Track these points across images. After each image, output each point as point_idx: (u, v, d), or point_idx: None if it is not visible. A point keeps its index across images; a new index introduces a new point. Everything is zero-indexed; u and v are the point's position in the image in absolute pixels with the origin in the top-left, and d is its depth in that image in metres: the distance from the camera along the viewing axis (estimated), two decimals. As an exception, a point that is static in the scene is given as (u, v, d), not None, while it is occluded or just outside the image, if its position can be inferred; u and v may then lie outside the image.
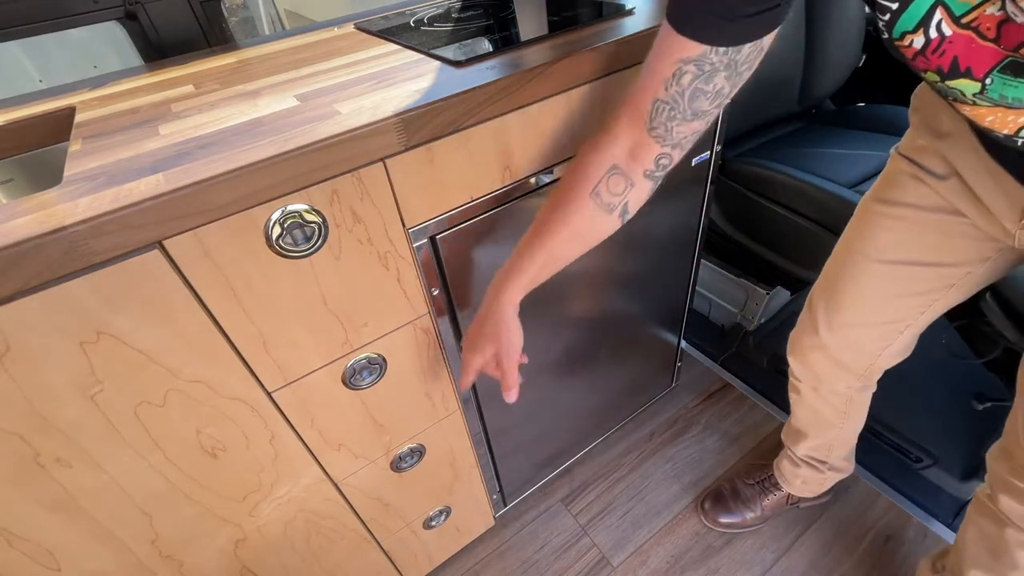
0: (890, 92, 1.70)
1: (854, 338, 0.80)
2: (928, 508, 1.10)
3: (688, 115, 0.49)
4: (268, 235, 0.50)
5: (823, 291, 0.81)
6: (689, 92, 0.47)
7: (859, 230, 0.75)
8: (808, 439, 0.97)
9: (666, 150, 0.52)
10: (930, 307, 0.73)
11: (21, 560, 0.53)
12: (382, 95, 0.57)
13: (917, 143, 0.66)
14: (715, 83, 0.47)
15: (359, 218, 0.55)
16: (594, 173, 0.53)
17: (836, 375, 0.85)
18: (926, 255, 0.69)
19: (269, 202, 0.49)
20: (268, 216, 0.49)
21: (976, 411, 1.19)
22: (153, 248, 0.46)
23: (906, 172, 0.67)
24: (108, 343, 0.47)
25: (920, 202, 0.67)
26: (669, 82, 0.47)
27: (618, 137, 0.52)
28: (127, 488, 0.56)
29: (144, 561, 0.62)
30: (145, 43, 0.87)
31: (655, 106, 0.49)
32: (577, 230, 0.56)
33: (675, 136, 0.50)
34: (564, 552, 1.13)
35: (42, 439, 0.48)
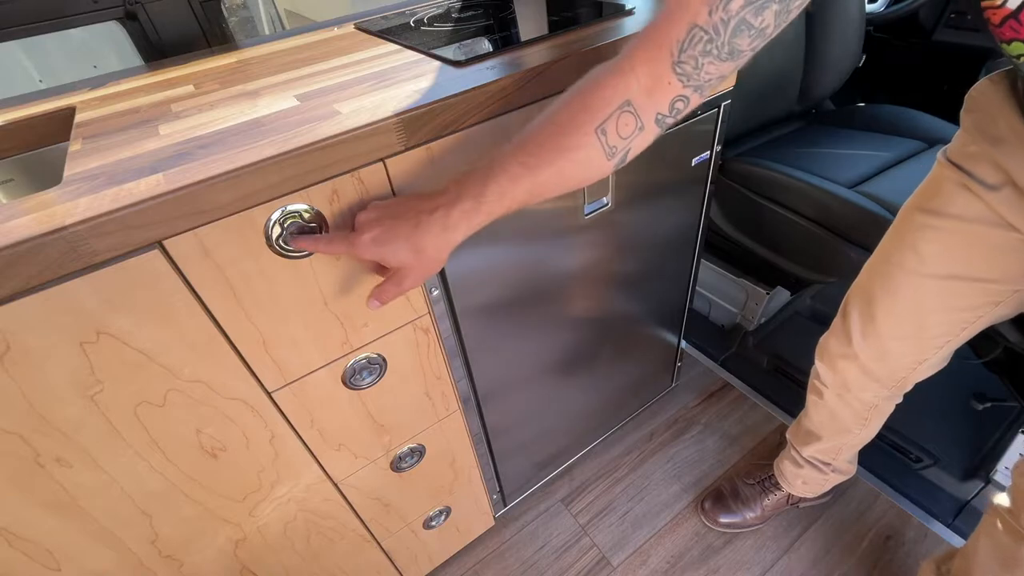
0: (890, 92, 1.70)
1: (889, 350, 0.77)
2: (928, 508, 1.10)
3: (724, 52, 0.41)
4: (268, 235, 0.50)
5: (859, 299, 0.78)
6: (735, 22, 0.39)
7: (899, 240, 0.71)
8: (820, 441, 0.96)
9: (686, 92, 0.44)
10: (973, 324, 0.70)
11: (21, 560, 0.53)
12: (382, 95, 0.57)
13: (968, 149, 0.61)
14: (764, 17, 0.39)
15: None
16: (602, 106, 0.44)
17: (865, 384, 0.83)
18: (971, 270, 0.65)
19: (269, 202, 0.49)
20: (268, 216, 0.49)
21: (976, 411, 1.19)
22: (153, 248, 0.45)
23: (953, 180, 0.63)
24: (108, 343, 0.47)
25: (967, 213, 0.62)
26: (715, 5, 0.39)
27: (635, 68, 0.43)
28: (127, 488, 0.56)
29: (144, 561, 0.62)
30: (145, 43, 0.87)
31: (691, 34, 0.40)
32: (569, 167, 0.46)
33: (702, 76, 0.42)
34: (564, 552, 1.13)
35: (42, 439, 0.48)
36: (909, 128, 1.32)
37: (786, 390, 1.36)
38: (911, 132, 1.31)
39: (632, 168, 0.79)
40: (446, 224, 0.47)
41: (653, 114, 0.45)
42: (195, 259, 0.48)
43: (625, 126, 0.45)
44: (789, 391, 1.36)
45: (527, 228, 0.73)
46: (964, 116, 0.63)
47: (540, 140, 0.46)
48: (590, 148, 0.45)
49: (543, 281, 0.81)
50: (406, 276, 0.49)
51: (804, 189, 1.15)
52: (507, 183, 0.46)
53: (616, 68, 0.44)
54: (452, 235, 0.47)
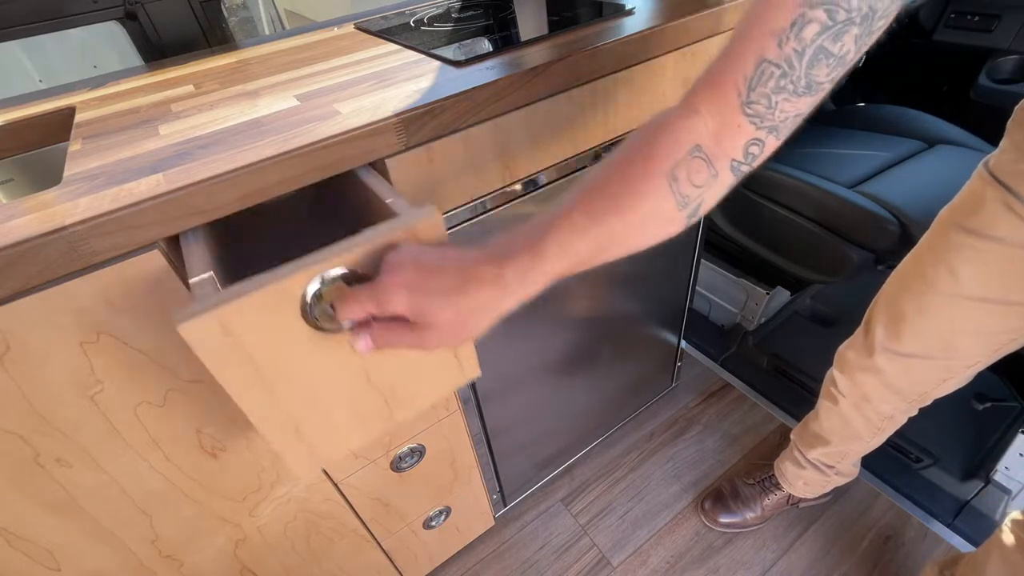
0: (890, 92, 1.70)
1: (914, 368, 0.74)
2: (928, 508, 1.10)
3: (801, 86, 0.36)
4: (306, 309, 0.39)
5: (885, 314, 0.75)
6: (811, 52, 0.34)
7: (934, 257, 0.67)
8: (828, 446, 0.95)
9: (760, 135, 0.38)
10: (1007, 346, 0.67)
11: (21, 560, 0.53)
12: (382, 95, 0.57)
13: (1018, 167, 0.57)
14: (843, 43, 0.34)
15: None
16: (671, 150, 0.38)
17: (885, 397, 0.81)
18: (1010, 293, 0.62)
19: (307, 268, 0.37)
20: (305, 286, 0.38)
21: (976, 411, 1.19)
22: (153, 248, 0.45)
23: (996, 199, 0.59)
24: (108, 343, 0.47)
25: (1011, 237, 0.59)
26: (786, 35, 0.34)
27: (699, 110, 0.38)
28: (127, 488, 0.56)
29: (144, 561, 0.62)
30: (145, 43, 0.87)
31: (759, 69, 0.35)
32: (638, 218, 0.39)
33: (777, 115, 0.37)
34: (564, 552, 1.13)
35: (42, 439, 0.48)
36: (909, 128, 1.32)
37: (786, 390, 1.36)
38: (911, 132, 1.31)
39: (632, 168, 0.79)
40: (499, 283, 0.37)
41: (727, 161, 0.39)
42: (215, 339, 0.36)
43: (697, 173, 0.39)
44: (789, 391, 1.36)
45: (527, 228, 0.73)
46: (1013, 129, 0.59)
47: (604, 187, 0.39)
48: (660, 196, 0.39)
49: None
50: (433, 335, 0.39)
51: (804, 189, 1.15)
52: (569, 235, 0.38)
53: (681, 110, 0.39)
54: (505, 299, 0.38)
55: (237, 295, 0.35)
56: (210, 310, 0.34)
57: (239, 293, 0.35)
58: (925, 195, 1.08)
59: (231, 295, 0.35)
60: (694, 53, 0.74)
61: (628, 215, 0.39)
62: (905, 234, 1.04)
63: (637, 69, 0.69)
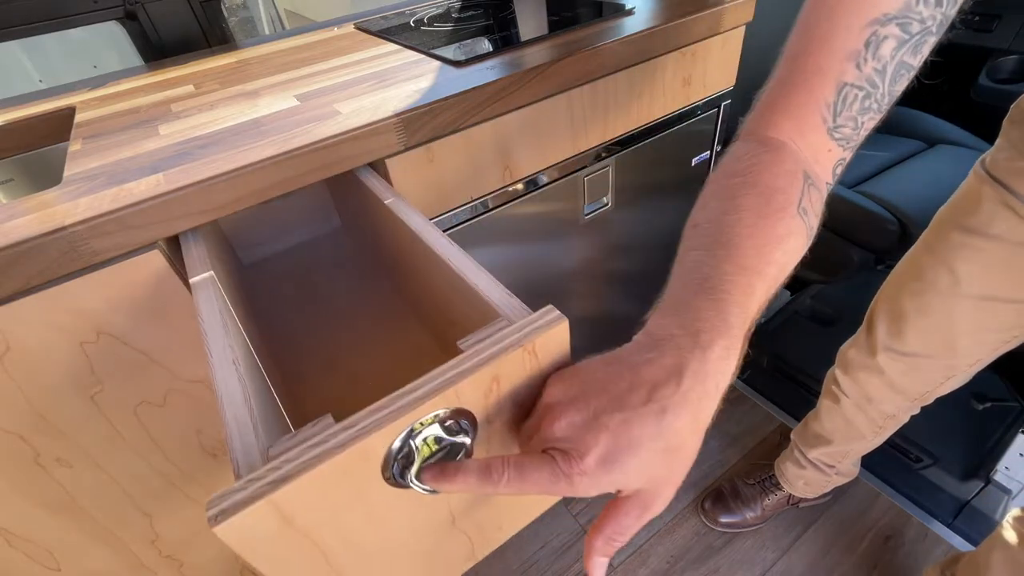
0: (890, 92, 1.69)
1: (916, 367, 0.75)
2: (928, 508, 1.10)
3: (884, 104, 0.35)
4: (391, 468, 0.29)
5: (886, 314, 0.75)
6: (892, 68, 0.33)
7: (933, 256, 0.67)
8: (830, 446, 0.95)
9: (847, 155, 0.37)
10: (1007, 343, 0.67)
11: (21, 560, 0.53)
12: (382, 95, 0.57)
13: (1015, 165, 0.57)
14: (923, 54, 0.33)
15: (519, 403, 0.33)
16: (789, 184, 0.35)
17: (888, 397, 0.81)
18: (1010, 291, 0.62)
19: (393, 423, 0.27)
20: (390, 443, 0.28)
21: (976, 411, 1.19)
22: (153, 248, 0.45)
23: (994, 198, 0.60)
24: (108, 343, 0.47)
25: (1008, 234, 0.59)
26: (862, 56, 0.33)
27: (792, 140, 0.36)
28: (127, 488, 0.56)
29: (144, 561, 0.62)
30: (145, 43, 0.87)
31: (842, 95, 0.34)
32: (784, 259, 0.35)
33: (861, 135, 0.36)
34: (564, 552, 1.13)
35: (42, 439, 0.48)
36: (909, 128, 1.32)
37: (786, 390, 1.36)
38: (911, 132, 1.31)
39: (632, 168, 0.79)
40: (703, 389, 0.28)
41: (824, 184, 0.37)
42: (269, 535, 0.26)
43: (817, 203, 0.36)
44: (789, 391, 1.36)
45: (527, 228, 0.73)
46: (1009, 127, 0.59)
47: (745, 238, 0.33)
48: (799, 233, 0.35)
49: (543, 281, 0.81)
50: (656, 496, 0.29)
51: (804, 189, 1.15)
52: (743, 299, 0.32)
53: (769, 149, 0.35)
54: (711, 401, 0.29)
55: (298, 469, 0.25)
56: (261, 497, 0.24)
57: (301, 465, 0.25)
58: (925, 195, 1.08)
59: (290, 469, 0.25)
60: (694, 53, 0.74)
61: (779, 259, 0.34)
62: (905, 234, 1.04)
63: (637, 69, 0.69)
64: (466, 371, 0.28)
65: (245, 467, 0.26)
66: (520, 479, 0.28)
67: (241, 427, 0.29)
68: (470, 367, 0.29)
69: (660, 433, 0.27)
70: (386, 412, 0.27)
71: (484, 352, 0.29)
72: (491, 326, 0.32)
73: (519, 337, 0.30)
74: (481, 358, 0.29)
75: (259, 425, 0.29)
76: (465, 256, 0.40)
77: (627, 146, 0.76)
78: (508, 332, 0.30)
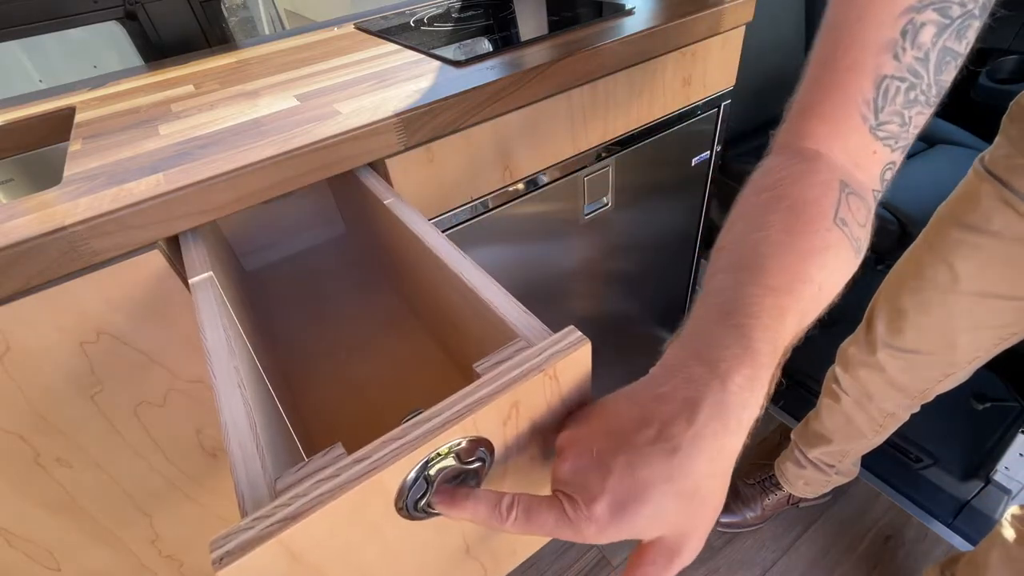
0: (890, 92, 1.69)
1: (915, 364, 0.75)
2: (928, 508, 1.10)
3: (932, 94, 0.32)
4: (404, 498, 0.27)
5: (885, 310, 0.76)
6: (936, 55, 0.31)
7: (932, 253, 0.68)
8: (830, 445, 0.95)
9: (896, 157, 0.34)
10: (1006, 340, 0.67)
11: (21, 560, 0.53)
12: (382, 95, 0.57)
13: (1013, 162, 0.57)
14: (968, 39, 0.31)
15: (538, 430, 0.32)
16: (822, 194, 0.31)
17: (888, 395, 0.81)
18: (1009, 288, 0.62)
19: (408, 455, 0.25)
20: (404, 475, 0.26)
21: (976, 411, 1.19)
22: (153, 248, 0.45)
23: (993, 194, 0.60)
24: (108, 343, 0.47)
25: (1007, 230, 0.59)
26: (900, 46, 0.30)
27: (828, 148, 0.33)
28: (127, 488, 0.56)
29: (144, 561, 0.62)
30: (145, 43, 0.87)
31: (882, 88, 0.31)
32: (823, 275, 0.31)
33: (911, 132, 0.33)
34: (564, 552, 1.13)
35: (42, 439, 0.48)
36: (909, 128, 1.32)
37: (786, 390, 1.36)
38: (911, 132, 1.31)
39: (632, 168, 0.79)
40: (722, 425, 0.25)
41: (870, 192, 0.34)
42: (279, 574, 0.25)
43: (858, 210, 0.33)
44: (789, 391, 1.35)
45: (527, 228, 0.73)
46: (1009, 124, 0.59)
47: (772, 256, 0.30)
48: (840, 246, 0.31)
49: (543, 281, 0.81)
50: (682, 545, 0.26)
51: (804, 189, 1.15)
52: (772, 323, 0.28)
53: (801, 160, 0.33)
54: (733, 437, 0.26)
55: (309, 506, 0.23)
56: (269, 537, 0.22)
57: (311, 502, 0.23)
58: (925, 195, 1.07)
59: (300, 506, 0.23)
60: (694, 53, 0.74)
61: (815, 275, 0.30)
62: (905, 234, 1.04)
63: (637, 69, 0.69)
64: (485, 398, 0.27)
65: (251, 503, 0.25)
66: (527, 520, 0.26)
67: (247, 457, 0.27)
68: (489, 393, 0.27)
69: (671, 475, 0.24)
70: (401, 443, 0.25)
71: (503, 377, 0.28)
72: (509, 347, 0.31)
73: (540, 361, 0.28)
74: (500, 383, 0.27)
75: (266, 453, 0.28)
76: (473, 265, 0.39)
77: (627, 146, 0.76)
78: (528, 355, 0.29)
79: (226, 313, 0.38)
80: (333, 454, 0.26)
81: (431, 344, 0.60)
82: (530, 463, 0.33)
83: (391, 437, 0.25)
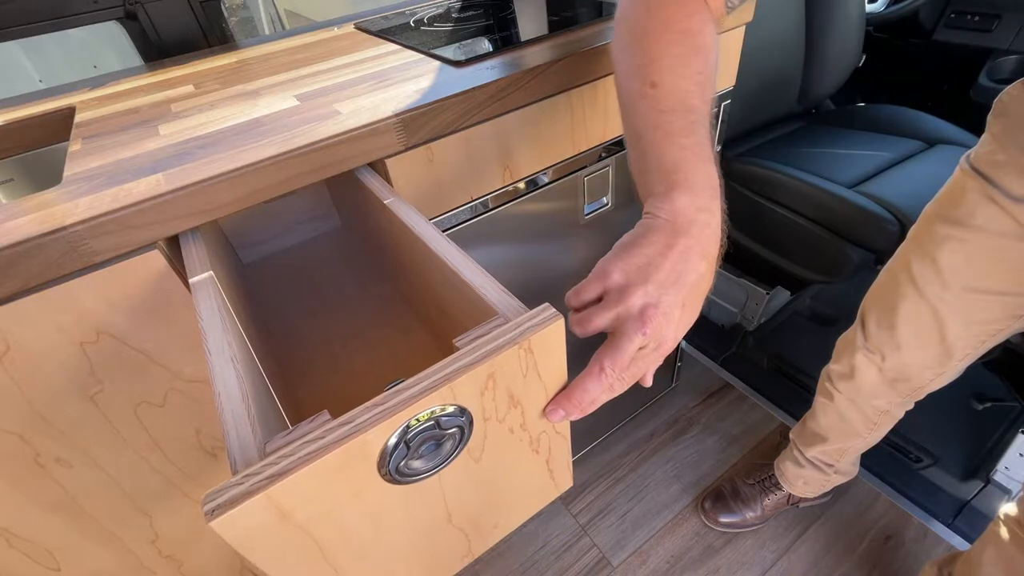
0: (890, 92, 1.70)
1: (906, 361, 0.76)
2: (928, 508, 1.10)
3: None
4: (387, 463, 0.29)
5: (876, 308, 0.77)
6: None
7: (919, 250, 0.69)
8: (826, 443, 0.96)
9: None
10: (993, 336, 0.68)
11: (21, 560, 0.53)
12: (382, 95, 0.57)
13: (996, 157, 0.59)
14: None
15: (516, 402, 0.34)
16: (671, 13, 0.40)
17: (880, 391, 0.83)
18: (993, 283, 0.63)
19: (388, 419, 0.27)
20: (386, 439, 0.28)
21: (976, 411, 1.19)
22: (153, 248, 0.45)
23: (976, 190, 0.61)
24: (108, 343, 0.47)
25: (990, 225, 0.60)
26: None
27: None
28: (127, 488, 0.56)
29: (144, 561, 0.62)
30: (145, 43, 0.87)
31: None
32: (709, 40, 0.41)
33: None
34: (564, 552, 1.13)
35: (42, 439, 0.48)
36: (909, 128, 1.32)
37: (786, 390, 1.36)
38: (911, 132, 1.31)
39: (632, 168, 0.79)
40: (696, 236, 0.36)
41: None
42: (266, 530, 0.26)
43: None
44: (789, 391, 1.36)
45: (527, 228, 0.73)
46: (992, 121, 0.60)
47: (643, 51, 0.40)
48: (705, 18, 0.40)
49: (543, 281, 0.81)
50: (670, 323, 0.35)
51: (804, 189, 1.15)
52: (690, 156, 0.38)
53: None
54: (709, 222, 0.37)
55: (295, 464, 0.25)
56: (257, 492, 0.24)
57: (297, 460, 0.25)
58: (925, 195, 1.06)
59: (286, 464, 0.25)
60: (694, 53, 0.74)
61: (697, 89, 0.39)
62: (904, 234, 1.04)
63: (637, 69, 0.69)
64: (462, 368, 0.29)
65: (242, 462, 0.27)
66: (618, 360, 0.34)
67: (238, 423, 0.29)
68: (466, 364, 0.29)
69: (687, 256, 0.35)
70: (382, 408, 0.27)
71: (480, 350, 0.30)
72: (488, 324, 0.32)
73: (515, 335, 0.30)
74: (477, 356, 0.29)
75: (256, 421, 0.29)
76: (463, 254, 0.40)
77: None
78: (505, 330, 0.31)
79: (226, 311, 0.39)
80: (319, 420, 0.27)
81: (424, 334, 0.60)
82: (509, 435, 0.35)
83: (373, 403, 0.27)
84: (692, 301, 0.36)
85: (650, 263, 0.35)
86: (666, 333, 0.35)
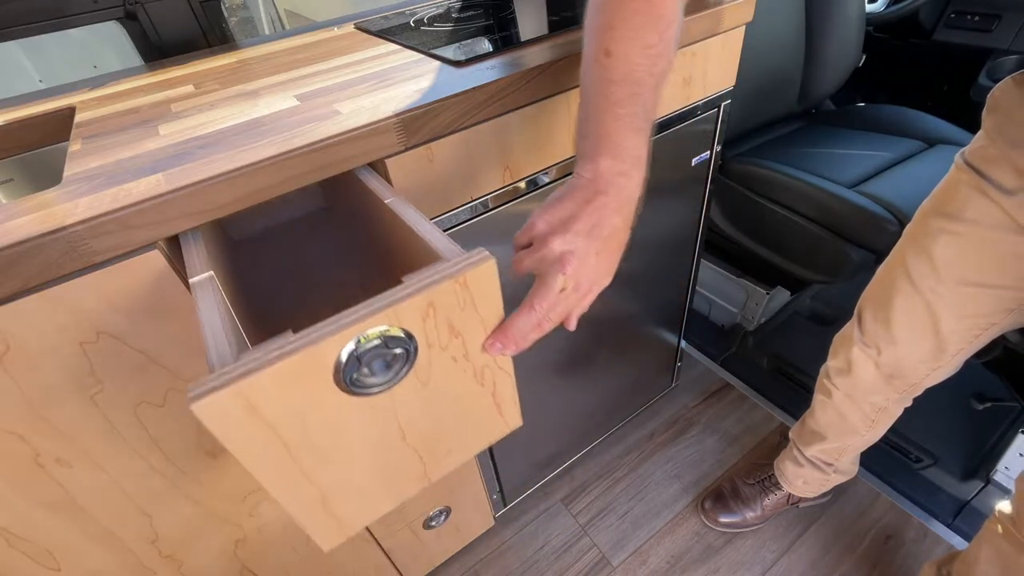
0: (890, 92, 1.70)
1: (902, 356, 0.77)
2: (928, 508, 1.10)
3: None
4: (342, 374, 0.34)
5: (872, 304, 0.78)
6: None
7: (913, 244, 0.70)
8: (825, 442, 0.96)
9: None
10: (987, 331, 0.69)
11: (21, 560, 0.53)
12: (382, 95, 0.57)
13: (987, 152, 0.60)
14: None
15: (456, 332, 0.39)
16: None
17: (877, 387, 0.83)
18: (986, 276, 0.64)
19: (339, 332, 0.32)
20: (339, 351, 0.33)
21: (976, 411, 1.19)
22: (153, 248, 0.45)
23: (970, 184, 0.62)
24: (108, 343, 0.47)
25: (982, 218, 0.62)
26: None
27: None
28: (127, 488, 0.56)
29: (144, 561, 0.62)
30: (145, 43, 0.87)
31: None
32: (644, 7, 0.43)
33: None
34: (564, 552, 1.13)
35: (42, 439, 0.48)
36: (909, 128, 1.32)
37: (786, 390, 1.36)
38: (911, 132, 1.31)
39: (632, 168, 0.79)
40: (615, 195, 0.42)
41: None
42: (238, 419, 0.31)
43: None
44: (789, 391, 1.36)
45: (527, 228, 0.73)
46: (985, 117, 0.62)
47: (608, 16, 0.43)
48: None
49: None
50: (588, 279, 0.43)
51: (804, 189, 1.15)
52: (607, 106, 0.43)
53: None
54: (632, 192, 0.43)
55: (261, 364, 0.30)
56: (230, 384, 0.29)
57: (263, 362, 0.30)
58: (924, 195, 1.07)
59: (254, 365, 0.30)
60: (694, 53, 0.74)
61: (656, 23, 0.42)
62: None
63: (637, 69, 0.69)
64: (404, 296, 0.34)
65: (218, 364, 0.32)
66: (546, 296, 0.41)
67: (217, 340, 0.34)
68: (407, 293, 0.34)
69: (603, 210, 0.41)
70: (336, 324, 0.32)
71: (421, 282, 0.35)
72: (433, 264, 0.37)
73: (453, 271, 0.36)
74: (418, 286, 0.35)
75: (234, 347, 0.34)
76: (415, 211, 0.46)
77: (627, 146, 0.76)
78: (443, 267, 0.36)
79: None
80: (284, 336, 0.32)
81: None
82: (452, 363, 0.40)
83: (328, 321, 0.33)
84: (607, 251, 0.42)
85: (571, 216, 0.41)
86: (583, 276, 0.41)
